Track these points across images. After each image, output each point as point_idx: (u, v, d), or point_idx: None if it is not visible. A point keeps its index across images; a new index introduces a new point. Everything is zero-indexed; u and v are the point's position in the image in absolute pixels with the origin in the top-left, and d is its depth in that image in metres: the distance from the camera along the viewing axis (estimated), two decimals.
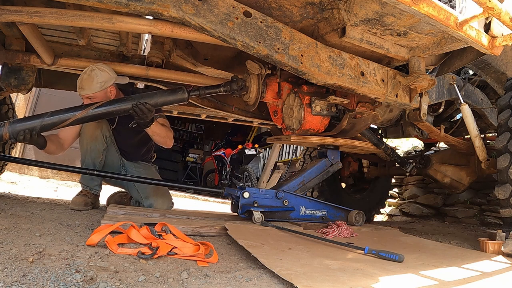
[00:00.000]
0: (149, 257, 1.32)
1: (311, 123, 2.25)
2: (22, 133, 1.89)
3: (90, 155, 2.41)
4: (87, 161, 2.43)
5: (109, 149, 2.53)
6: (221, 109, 2.95)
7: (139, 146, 2.71)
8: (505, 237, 2.01)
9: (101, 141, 2.44)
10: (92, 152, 2.42)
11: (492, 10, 1.25)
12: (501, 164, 2.07)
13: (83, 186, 2.45)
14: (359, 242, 1.92)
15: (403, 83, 2.04)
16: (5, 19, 1.80)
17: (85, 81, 2.23)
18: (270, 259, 1.38)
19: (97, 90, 2.24)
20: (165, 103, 2.12)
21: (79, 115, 1.99)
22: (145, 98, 2.04)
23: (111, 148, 2.55)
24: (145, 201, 2.54)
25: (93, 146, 2.41)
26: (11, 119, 3.26)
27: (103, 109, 2.01)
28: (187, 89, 2.12)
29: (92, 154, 2.41)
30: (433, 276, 1.42)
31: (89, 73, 2.24)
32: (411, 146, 5.71)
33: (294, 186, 2.36)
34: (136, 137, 2.60)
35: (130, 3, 1.46)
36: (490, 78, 2.84)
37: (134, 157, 2.69)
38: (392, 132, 3.37)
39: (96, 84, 2.22)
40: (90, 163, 2.42)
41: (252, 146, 8.02)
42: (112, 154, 2.57)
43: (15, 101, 5.89)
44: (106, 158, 2.52)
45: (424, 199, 4.39)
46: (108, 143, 2.51)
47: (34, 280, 1.02)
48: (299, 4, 1.72)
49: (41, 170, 6.21)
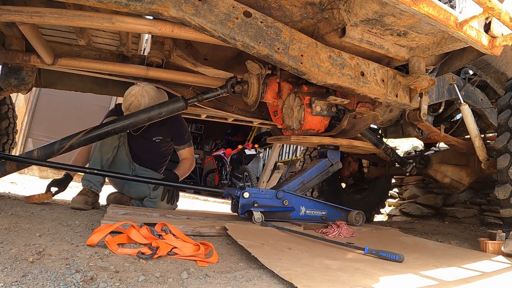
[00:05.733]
0: (149, 257, 1.32)
1: (311, 123, 2.25)
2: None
3: (100, 149, 2.45)
4: (96, 154, 2.46)
5: (119, 149, 2.56)
6: (221, 109, 2.95)
7: (156, 158, 2.84)
8: (505, 237, 2.01)
9: (114, 137, 2.49)
10: (104, 145, 2.47)
11: (492, 10, 1.25)
12: (501, 164, 2.07)
13: (84, 183, 2.46)
14: (359, 242, 1.92)
15: (403, 83, 2.04)
16: (5, 19, 1.80)
17: (133, 106, 2.43)
18: (270, 259, 1.38)
19: None
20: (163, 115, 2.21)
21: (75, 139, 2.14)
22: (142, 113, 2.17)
23: (122, 149, 2.58)
24: (152, 193, 2.59)
25: (106, 139, 2.43)
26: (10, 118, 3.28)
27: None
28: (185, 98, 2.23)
29: (103, 149, 2.45)
30: (433, 276, 1.42)
31: (139, 99, 2.42)
32: (411, 146, 5.71)
33: (294, 186, 2.36)
34: (155, 149, 2.72)
35: (130, 3, 1.46)
36: (490, 78, 2.84)
37: (147, 165, 2.77)
38: (392, 132, 3.37)
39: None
40: (98, 157, 2.45)
41: (252, 146, 8.03)
42: (121, 155, 2.61)
43: (15, 101, 5.90)
44: (115, 158, 2.55)
45: (424, 199, 4.39)
46: (120, 142, 2.57)
47: (34, 280, 1.02)
48: (299, 4, 1.72)
49: (41, 170, 6.22)
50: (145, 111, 2.20)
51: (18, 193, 3.22)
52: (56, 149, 2.15)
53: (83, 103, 6.94)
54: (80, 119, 6.34)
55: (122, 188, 2.77)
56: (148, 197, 2.62)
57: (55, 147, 2.15)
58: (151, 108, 2.21)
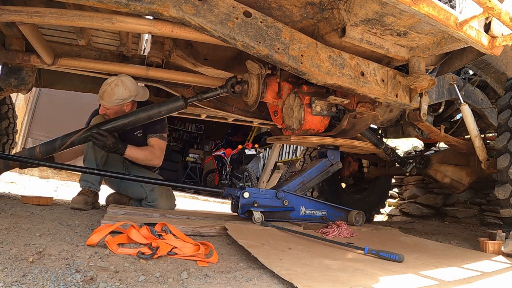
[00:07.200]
0: (149, 257, 1.32)
1: (311, 123, 2.24)
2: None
3: (93, 148, 2.44)
4: (90, 154, 2.45)
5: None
6: (221, 109, 2.95)
7: None
8: (505, 237, 2.01)
9: None
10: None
11: (492, 10, 1.25)
12: (501, 164, 2.07)
13: (83, 184, 2.46)
14: (359, 242, 1.92)
15: (403, 83, 2.04)
16: (5, 19, 1.80)
17: (106, 93, 2.38)
18: (270, 259, 1.38)
19: (114, 105, 2.41)
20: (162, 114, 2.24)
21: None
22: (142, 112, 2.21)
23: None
24: (150, 195, 2.58)
25: None
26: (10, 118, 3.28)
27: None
28: (184, 97, 2.23)
29: (96, 147, 2.44)
30: (433, 276, 1.42)
31: (113, 87, 2.37)
32: (411, 146, 5.71)
33: (294, 186, 2.36)
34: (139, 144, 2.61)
35: (130, 3, 1.46)
36: (490, 78, 2.84)
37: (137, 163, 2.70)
38: (392, 132, 3.37)
39: (115, 101, 2.39)
40: (92, 157, 2.45)
41: (252, 146, 8.02)
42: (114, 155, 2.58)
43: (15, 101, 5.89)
44: (108, 156, 2.53)
45: (424, 199, 4.39)
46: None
47: (34, 280, 1.02)
48: (299, 4, 1.72)
49: (41, 170, 6.22)
50: (145, 110, 2.24)
51: (18, 193, 3.22)
52: (58, 145, 2.20)
53: (83, 103, 6.91)
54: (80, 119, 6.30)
55: (118, 187, 2.76)
56: (146, 200, 2.61)
57: (57, 143, 2.20)
58: (151, 107, 2.25)
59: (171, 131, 11.29)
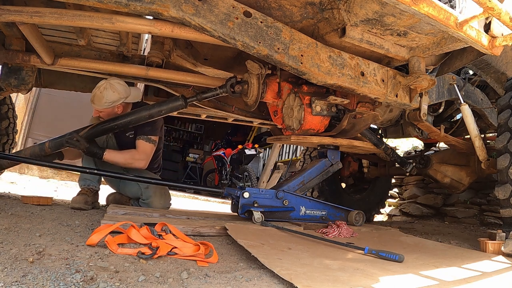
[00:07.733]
0: (149, 257, 1.32)
1: (311, 123, 2.24)
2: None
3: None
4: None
5: (108, 145, 2.55)
6: (221, 109, 2.95)
7: None
8: (505, 237, 2.01)
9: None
10: None
11: (492, 10, 1.25)
12: (501, 164, 2.07)
13: (82, 183, 2.47)
14: (359, 242, 1.92)
15: (403, 83, 2.04)
16: (5, 19, 1.80)
17: (96, 97, 2.43)
18: (270, 259, 1.38)
19: (105, 107, 2.43)
20: (163, 113, 2.28)
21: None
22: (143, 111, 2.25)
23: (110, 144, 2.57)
24: (144, 193, 2.58)
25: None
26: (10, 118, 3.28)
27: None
28: (184, 97, 2.26)
29: None
30: (433, 276, 1.42)
31: (102, 91, 2.40)
32: (411, 146, 5.71)
33: (294, 186, 2.36)
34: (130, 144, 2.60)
35: (130, 3, 1.46)
36: (490, 78, 2.83)
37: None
38: (392, 132, 3.37)
39: (105, 104, 2.41)
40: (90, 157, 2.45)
41: (252, 146, 8.02)
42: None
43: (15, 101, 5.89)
44: None
45: (424, 199, 4.39)
46: (108, 137, 2.58)
47: (34, 280, 1.02)
48: (299, 4, 1.72)
49: (41, 170, 6.21)
50: (146, 109, 2.27)
51: (18, 193, 3.22)
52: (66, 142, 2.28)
53: (83, 103, 6.90)
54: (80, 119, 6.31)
55: (118, 187, 2.77)
56: (141, 198, 2.61)
57: (65, 140, 2.28)
58: (152, 106, 2.27)
59: (171, 131, 11.29)
